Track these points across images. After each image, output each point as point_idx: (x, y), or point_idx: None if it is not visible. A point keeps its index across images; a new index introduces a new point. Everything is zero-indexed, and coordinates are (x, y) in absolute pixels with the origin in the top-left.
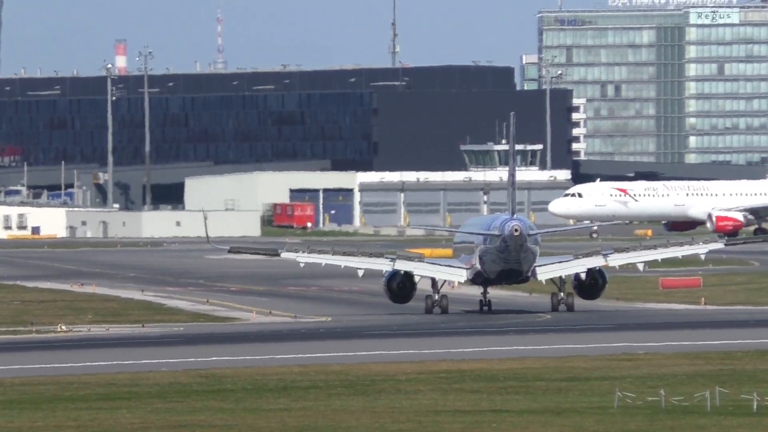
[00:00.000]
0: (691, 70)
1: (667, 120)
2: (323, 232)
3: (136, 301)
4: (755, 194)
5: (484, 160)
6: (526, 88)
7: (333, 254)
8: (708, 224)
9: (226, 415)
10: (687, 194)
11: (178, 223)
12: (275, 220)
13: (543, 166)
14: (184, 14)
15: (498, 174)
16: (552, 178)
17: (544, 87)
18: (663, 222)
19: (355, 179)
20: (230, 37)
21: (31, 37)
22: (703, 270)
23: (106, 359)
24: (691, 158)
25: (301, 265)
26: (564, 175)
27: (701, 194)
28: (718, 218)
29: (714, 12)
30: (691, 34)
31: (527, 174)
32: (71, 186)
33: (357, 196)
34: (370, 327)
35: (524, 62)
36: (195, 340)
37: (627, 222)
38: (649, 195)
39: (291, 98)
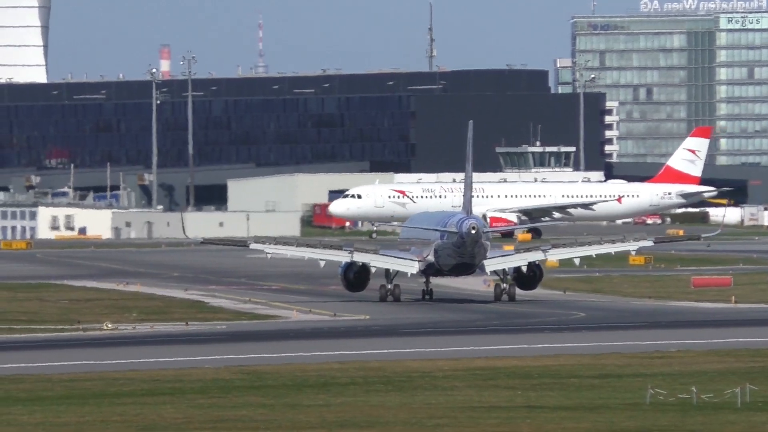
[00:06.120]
0: (722, 74)
1: (697, 123)
2: (361, 232)
3: (179, 299)
4: (529, 196)
5: (518, 161)
6: (560, 91)
7: (297, 246)
8: None
9: (266, 411)
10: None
11: (221, 224)
12: (315, 220)
13: (576, 168)
14: (227, 20)
15: (533, 175)
16: (585, 180)
17: (577, 90)
18: None
19: (392, 180)
20: (271, 42)
21: (78, 42)
22: (733, 269)
23: (150, 356)
24: (722, 160)
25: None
26: (597, 176)
27: (478, 196)
28: (492, 219)
29: (744, 17)
30: (722, 38)
31: (561, 175)
32: (117, 188)
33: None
34: (408, 325)
35: (558, 66)
36: (237, 337)
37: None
38: (426, 197)
39: (330, 101)
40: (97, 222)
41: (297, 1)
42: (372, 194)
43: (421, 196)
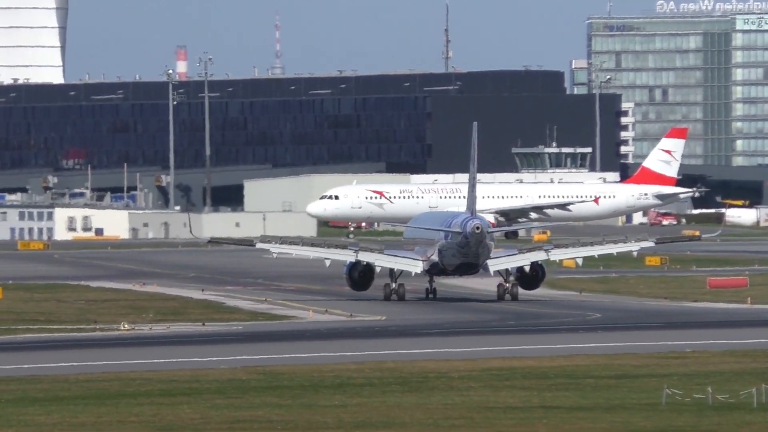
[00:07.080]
0: (738, 74)
1: (714, 124)
2: (377, 233)
3: (196, 300)
4: (506, 197)
5: (534, 162)
6: (575, 92)
7: (302, 245)
8: None
9: (283, 411)
10: (440, 197)
11: (237, 224)
12: (331, 221)
13: (592, 169)
14: (243, 21)
15: (549, 176)
16: (601, 180)
17: (593, 91)
18: None
19: (409, 181)
20: (288, 43)
21: (95, 43)
22: (749, 270)
23: (167, 357)
24: (738, 161)
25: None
26: (613, 177)
27: (454, 197)
28: None
29: (760, 18)
30: (738, 39)
31: (577, 176)
32: (134, 188)
33: None
34: (424, 326)
35: (574, 67)
36: (253, 338)
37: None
38: (404, 197)
39: (347, 102)
40: (114, 223)
41: (314, 2)
42: (349, 195)
43: (399, 197)
